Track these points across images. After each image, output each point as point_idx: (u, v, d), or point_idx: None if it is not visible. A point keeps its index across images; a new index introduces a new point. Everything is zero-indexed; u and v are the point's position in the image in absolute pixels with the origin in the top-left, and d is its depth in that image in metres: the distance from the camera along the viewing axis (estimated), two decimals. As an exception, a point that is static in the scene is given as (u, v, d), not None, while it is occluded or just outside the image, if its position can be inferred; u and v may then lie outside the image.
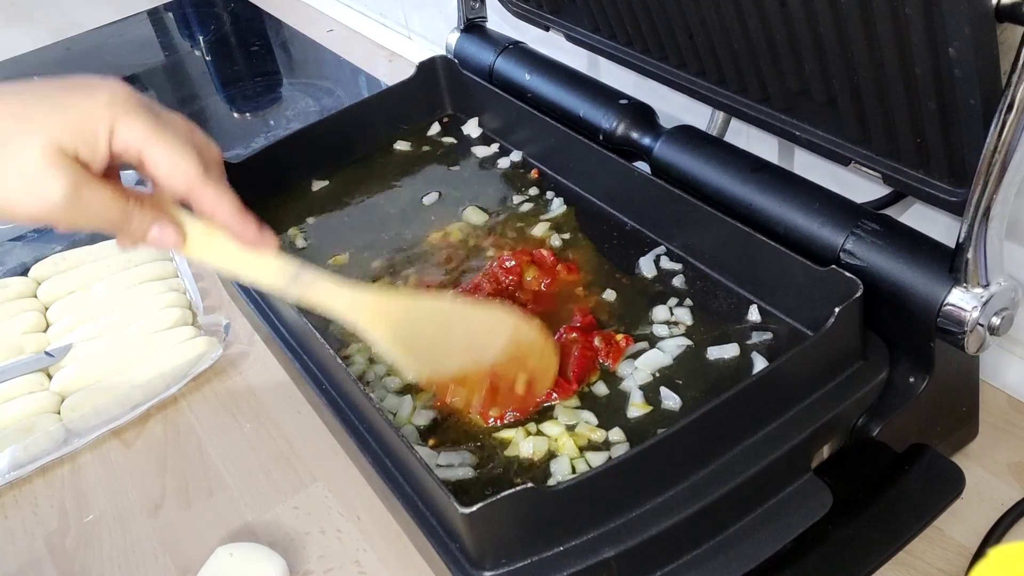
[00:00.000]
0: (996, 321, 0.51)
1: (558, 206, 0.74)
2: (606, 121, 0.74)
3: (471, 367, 0.55)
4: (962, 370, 0.57)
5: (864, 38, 0.49)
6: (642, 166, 0.70)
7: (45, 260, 0.92)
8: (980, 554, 0.55)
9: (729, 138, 0.73)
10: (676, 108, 0.78)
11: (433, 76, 0.86)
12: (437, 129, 0.87)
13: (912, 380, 0.55)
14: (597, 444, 0.55)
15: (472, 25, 0.89)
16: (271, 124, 1.18)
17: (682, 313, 0.62)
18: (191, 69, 1.40)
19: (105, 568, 0.66)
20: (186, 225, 0.49)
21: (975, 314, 0.50)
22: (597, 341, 0.60)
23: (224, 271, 0.51)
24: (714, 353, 0.59)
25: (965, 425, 0.60)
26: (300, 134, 0.83)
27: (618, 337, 0.61)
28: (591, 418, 0.57)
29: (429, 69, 0.86)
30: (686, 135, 0.69)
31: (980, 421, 0.61)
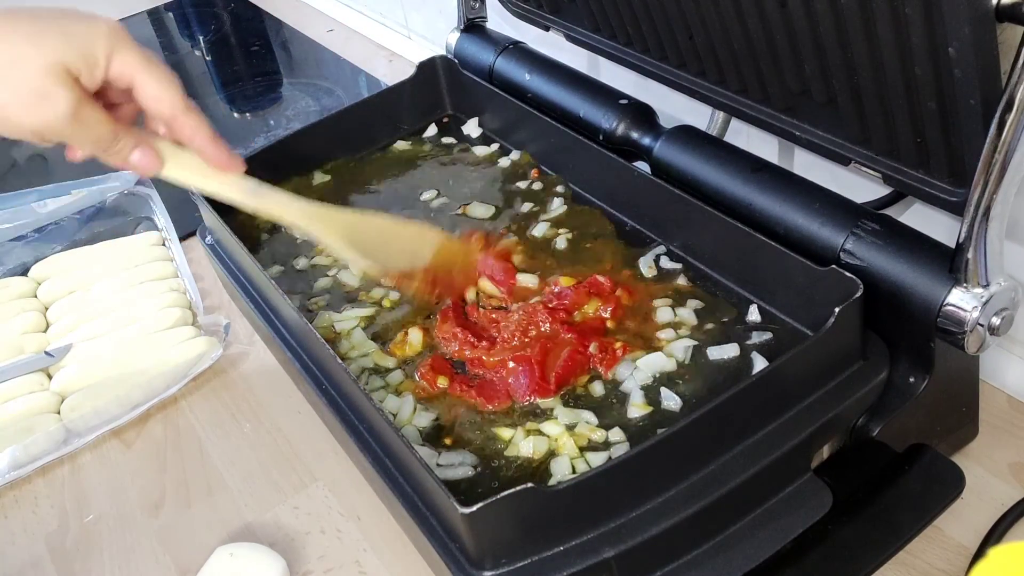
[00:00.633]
0: (996, 321, 0.51)
1: (558, 206, 0.74)
2: (606, 121, 0.74)
3: (410, 266, 0.64)
4: (962, 370, 0.57)
5: (864, 38, 0.49)
6: (642, 166, 0.71)
7: (45, 260, 0.92)
8: (980, 554, 0.55)
9: (729, 138, 0.73)
10: (676, 108, 0.78)
11: (433, 76, 0.86)
12: (437, 129, 0.87)
13: (912, 380, 0.55)
14: (597, 444, 0.55)
15: (472, 25, 0.89)
16: (271, 124, 1.18)
17: (685, 313, 0.62)
18: (191, 69, 1.40)
19: (105, 568, 0.66)
20: (163, 149, 0.54)
21: (975, 314, 0.50)
22: (593, 348, 0.60)
23: (193, 187, 0.57)
24: (714, 353, 0.59)
25: (965, 425, 0.60)
26: (300, 134, 0.83)
27: (616, 345, 0.60)
28: (591, 418, 0.57)
29: (429, 69, 0.86)
30: (686, 135, 0.69)
31: (980, 421, 0.61)
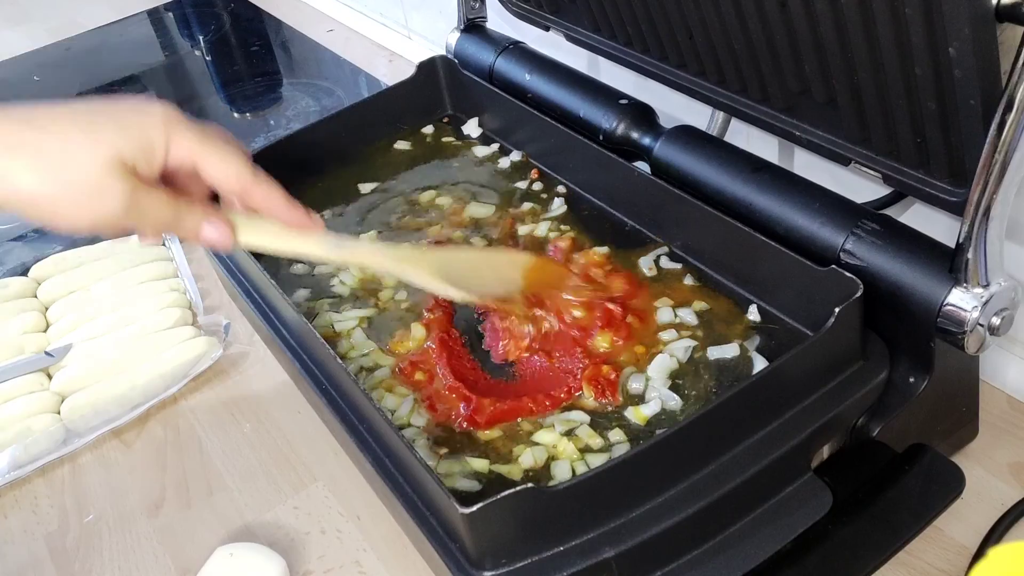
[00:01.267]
0: (996, 321, 0.51)
1: (558, 206, 0.74)
2: (606, 121, 0.74)
3: (505, 291, 0.63)
4: (962, 370, 0.57)
5: (864, 38, 0.49)
6: (642, 166, 0.70)
7: (45, 260, 0.92)
8: (980, 554, 0.55)
9: (729, 138, 0.73)
10: (676, 108, 0.78)
11: (433, 76, 0.86)
12: (437, 129, 0.87)
13: (912, 380, 0.55)
14: (597, 445, 0.55)
15: (472, 25, 0.89)
16: (271, 124, 1.18)
17: (685, 314, 0.62)
18: (191, 69, 1.40)
19: (105, 568, 0.66)
20: (235, 219, 0.52)
21: (975, 314, 0.50)
22: (585, 389, 0.58)
23: (275, 252, 0.55)
24: (714, 353, 0.59)
25: (965, 425, 0.60)
26: (300, 134, 0.83)
27: (604, 369, 0.58)
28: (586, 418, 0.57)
29: (429, 69, 0.86)
30: (686, 135, 0.69)
31: (980, 421, 0.61)
